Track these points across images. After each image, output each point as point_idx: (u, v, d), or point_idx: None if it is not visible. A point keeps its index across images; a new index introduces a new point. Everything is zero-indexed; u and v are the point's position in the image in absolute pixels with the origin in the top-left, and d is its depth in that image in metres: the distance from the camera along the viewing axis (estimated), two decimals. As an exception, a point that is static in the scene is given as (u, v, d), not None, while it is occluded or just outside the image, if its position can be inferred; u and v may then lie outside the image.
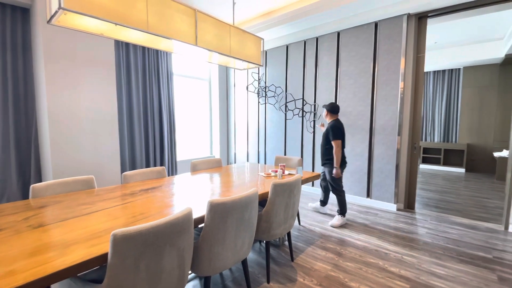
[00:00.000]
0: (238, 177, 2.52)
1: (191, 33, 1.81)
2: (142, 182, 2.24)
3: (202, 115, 5.76)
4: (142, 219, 1.40)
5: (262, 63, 2.65)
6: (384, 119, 3.56)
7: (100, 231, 1.26)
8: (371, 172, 3.73)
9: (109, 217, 1.42)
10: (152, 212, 1.49)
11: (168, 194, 1.88)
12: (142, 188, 2.02)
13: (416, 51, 3.44)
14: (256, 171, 2.79)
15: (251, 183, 2.24)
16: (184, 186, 2.12)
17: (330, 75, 4.07)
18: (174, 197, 1.81)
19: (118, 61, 4.05)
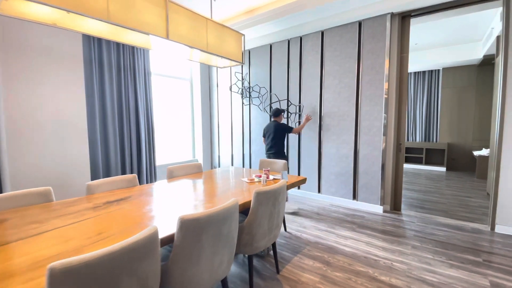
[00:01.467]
0: (219, 184, 2.34)
1: (161, 25, 1.61)
2: (110, 192, 2.00)
3: (183, 116, 5.51)
4: (100, 240, 1.19)
5: (244, 61, 2.49)
6: (369, 120, 3.49)
7: (45, 258, 1.04)
8: (357, 173, 3.65)
9: (60, 239, 1.20)
10: (114, 231, 1.28)
11: (137, 207, 1.66)
12: (108, 200, 1.79)
13: (399, 50, 3.40)
14: (239, 177, 2.61)
15: (233, 191, 2.07)
16: (157, 196, 1.91)
17: (314, 75, 3.97)
18: (143, 211, 1.60)
19: (89, 58, 3.76)
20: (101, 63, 3.94)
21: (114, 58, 4.09)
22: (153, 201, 1.79)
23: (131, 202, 1.76)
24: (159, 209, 1.62)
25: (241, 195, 1.91)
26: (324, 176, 3.95)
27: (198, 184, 2.31)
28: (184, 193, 2.01)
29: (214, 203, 1.76)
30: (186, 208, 1.64)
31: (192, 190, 2.10)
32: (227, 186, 2.21)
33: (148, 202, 1.77)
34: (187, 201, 1.80)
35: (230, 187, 2.19)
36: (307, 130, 4.09)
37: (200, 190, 2.10)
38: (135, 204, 1.72)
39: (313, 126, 4.02)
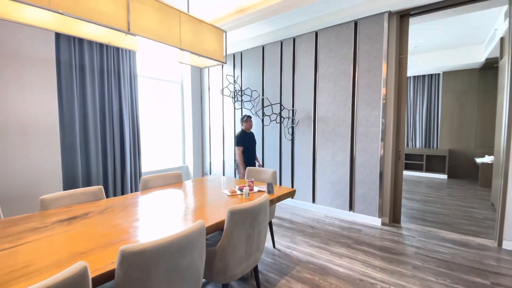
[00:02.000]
0: (196, 197, 2.09)
1: (120, 15, 1.39)
2: (67, 208, 1.75)
3: (173, 121, 5.28)
4: (21, 276, 0.94)
5: (226, 60, 2.27)
6: (366, 125, 3.26)
7: None
8: (354, 183, 3.40)
9: (-31, 276, 0.95)
10: (41, 264, 1.03)
11: (88, 229, 1.41)
12: (60, 219, 1.54)
13: (398, 52, 3.18)
14: (221, 188, 2.37)
15: (209, 207, 1.82)
16: (118, 214, 1.66)
17: (308, 78, 3.75)
18: (93, 234, 1.35)
19: (69, 60, 3.54)
20: (82, 65, 3.72)
21: (97, 60, 3.88)
22: (111, 221, 1.54)
23: (86, 221, 1.51)
24: (112, 233, 1.37)
25: (216, 213, 1.67)
26: (319, 185, 3.71)
27: (172, 198, 2.06)
28: (151, 210, 1.76)
29: (185, 223, 1.52)
30: (142, 233, 1.39)
31: (162, 206, 1.85)
32: (204, 201, 1.97)
33: (105, 221, 1.52)
34: (149, 222, 1.55)
35: (207, 201, 1.95)
36: (302, 136, 3.86)
37: (171, 206, 1.85)
38: (89, 224, 1.47)
39: (307, 131, 3.79)
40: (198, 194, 2.15)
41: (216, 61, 2.08)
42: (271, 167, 4.24)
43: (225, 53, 2.14)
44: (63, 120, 3.57)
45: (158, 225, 1.47)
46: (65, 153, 3.60)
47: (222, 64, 2.17)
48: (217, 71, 4.97)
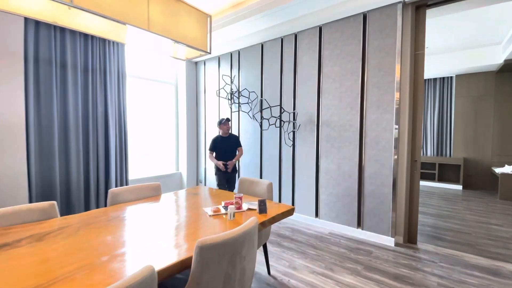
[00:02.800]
0: (168, 217, 1.71)
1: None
2: (3, 230, 1.38)
3: (167, 125, 4.93)
4: None
5: (211, 50, 1.92)
6: (377, 131, 2.87)
7: None
8: (362, 196, 2.99)
9: None
10: None
11: (11, 265, 1.04)
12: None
13: (414, 47, 2.80)
14: (205, 204, 1.98)
15: (179, 234, 1.44)
16: (59, 242, 1.28)
17: (311, 78, 3.38)
18: (8, 276, 0.97)
19: (49, 56, 3.24)
20: (63, 62, 3.40)
21: (81, 58, 3.56)
22: (42, 254, 1.16)
23: (11, 253, 1.14)
24: (42, 266, 1.00)
25: (182, 244, 1.28)
26: (323, 197, 3.30)
27: (138, 217, 1.67)
28: (103, 234, 1.38)
29: (137, 258, 1.13)
30: (80, 268, 1.01)
31: (120, 230, 1.47)
32: (177, 223, 1.58)
33: (34, 254, 1.15)
34: (93, 253, 1.17)
35: (180, 223, 1.56)
36: (303, 141, 3.47)
37: (131, 230, 1.47)
38: (13, 257, 1.10)
39: (309, 137, 3.40)
40: (172, 213, 1.77)
41: (197, 50, 1.72)
42: (270, 175, 3.84)
43: (209, 41, 1.79)
44: (40, 121, 3.24)
45: (108, 257, 1.09)
46: (41, 158, 3.26)
47: (206, 54, 1.81)
48: (214, 71, 4.64)
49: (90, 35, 3.61)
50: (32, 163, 3.14)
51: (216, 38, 3.95)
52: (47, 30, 3.24)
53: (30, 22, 3.10)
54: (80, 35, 3.54)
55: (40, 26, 3.19)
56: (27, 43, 3.08)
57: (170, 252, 1.17)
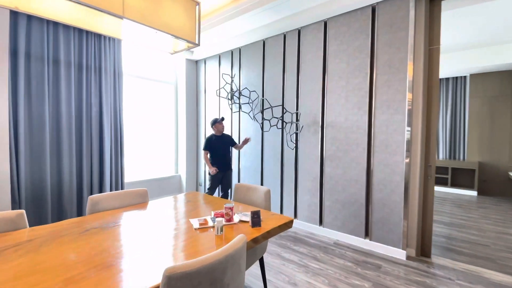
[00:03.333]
0: (149, 229, 1.51)
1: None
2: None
3: (166, 125, 4.78)
4: None
5: (199, 42, 1.72)
6: (387, 133, 2.63)
7: None
8: (371, 203, 2.75)
9: None
10: None
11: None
12: None
13: (428, 41, 2.56)
14: (194, 214, 1.79)
15: (152, 255, 1.24)
16: (18, 258, 1.10)
17: (315, 76, 3.16)
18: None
19: (41, 53, 3.11)
20: (56, 59, 3.27)
21: (75, 55, 3.42)
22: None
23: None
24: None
25: (156, 267, 1.08)
26: (328, 204, 3.07)
27: (114, 230, 1.48)
28: (63, 255, 1.19)
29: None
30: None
31: (89, 247, 1.28)
32: (155, 238, 1.38)
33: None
34: (49, 275, 0.98)
35: (159, 238, 1.36)
36: (307, 144, 3.25)
37: (100, 247, 1.28)
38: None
39: (313, 139, 3.18)
40: (154, 224, 1.58)
41: (184, 41, 1.53)
42: (271, 179, 3.63)
43: (197, 31, 1.60)
44: (31, 121, 3.11)
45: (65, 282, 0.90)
46: (32, 160, 3.12)
47: (194, 46, 1.62)
48: (214, 70, 4.46)
49: (84, 31, 3.47)
50: (21, 164, 3.01)
51: (217, 35, 3.77)
52: (40, 24, 3.11)
53: (22, 16, 2.98)
54: (74, 30, 3.40)
55: (32, 21, 3.06)
56: (18, 38, 2.95)
57: (134, 281, 0.97)
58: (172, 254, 1.18)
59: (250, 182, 3.93)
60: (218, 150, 3.44)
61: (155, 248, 1.25)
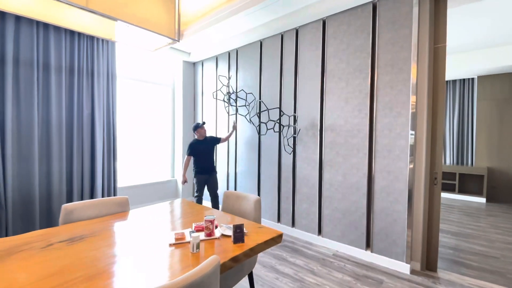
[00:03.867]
0: (118, 244, 1.37)
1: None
2: None
3: (163, 129, 4.66)
4: None
5: (179, 38, 1.59)
6: (390, 137, 2.46)
7: None
8: (372, 213, 2.57)
9: None
10: None
11: None
12: None
13: (433, 40, 2.40)
14: (175, 224, 1.64)
15: (111, 279, 1.09)
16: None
17: (313, 77, 3.01)
18: None
19: (30, 57, 3.02)
20: (46, 63, 3.17)
21: (66, 58, 3.33)
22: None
23: None
24: None
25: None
26: (327, 212, 2.90)
27: (80, 245, 1.34)
28: (8, 278, 1.05)
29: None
30: None
31: (41, 266, 1.14)
32: (120, 256, 1.24)
33: None
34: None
35: (124, 257, 1.22)
36: (305, 148, 3.09)
37: (53, 266, 1.14)
38: None
39: (311, 143, 3.02)
40: (127, 238, 1.43)
41: (161, 36, 1.39)
42: (268, 185, 3.47)
43: (177, 26, 1.46)
44: (20, 125, 3.01)
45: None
46: (20, 164, 3.02)
47: (173, 42, 1.49)
48: (212, 72, 4.34)
49: (76, 33, 3.38)
50: (8, 168, 2.90)
51: (213, 36, 3.65)
52: (29, 27, 3.03)
53: (9, 18, 2.89)
54: (65, 32, 3.31)
55: (21, 23, 2.98)
56: (5, 42, 2.87)
57: None
58: (132, 278, 1.03)
59: (247, 188, 3.77)
60: (201, 155, 3.49)
61: (116, 269, 1.10)
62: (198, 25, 3.56)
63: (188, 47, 4.17)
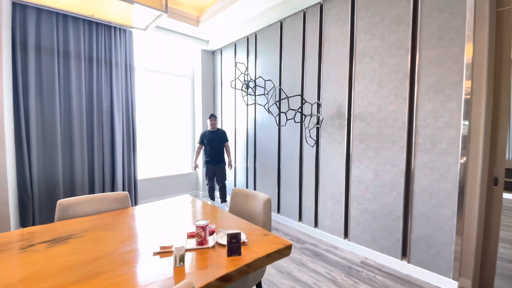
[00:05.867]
0: (101, 249, 1.20)
1: None
2: None
3: (183, 120, 4.57)
4: None
5: (166, 9, 1.34)
6: (435, 126, 2.02)
7: None
8: (410, 217, 2.16)
9: None
10: None
11: None
12: None
13: (494, 2, 1.88)
14: (166, 230, 1.45)
15: (89, 285, 0.91)
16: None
17: (340, 58, 2.61)
18: None
19: (51, 47, 3.05)
20: (66, 53, 3.19)
21: (85, 48, 3.32)
22: None
23: None
24: None
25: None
26: (355, 214, 2.54)
27: (61, 248, 1.19)
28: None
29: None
30: None
31: (5, 273, 1.00)
32: (100, 261, 1.06)
33: None
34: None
35: (102, 263, 1.03)
36: (329, 140, 2.73)
37: (26, 272, 0.99)
38: None
39: (337, 134, 2.65)
40: (113, 241, 1.26)
41: (146, 8, 1.15)
42: (289, 180, 3.18)
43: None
44: (43, 115, 3.07)
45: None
46: (44, 156, 3.09)
47: (161, 15, 1.25)
48: (230, 60, 4.10)
49: (94, 23, 3.35)
50: (33, 160, 2.98)
51: (230, 18, 3.39)
52: (49, 17, 3.04)
53: (31, 9, 2.92)
54: (84, 22, 3.30)
55: (41, 13, 3.00)
56: (27, 31, 2.90)
57: None
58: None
59: (266, 183, 3.52)
60: (210, 144, 3.64)
61: (81, 282, 0.92)
62: (214, 8, 3.33)
63: (206, 34, 3.96)
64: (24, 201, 3.00)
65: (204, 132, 3.76)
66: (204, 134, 3.71)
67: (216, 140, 3.66)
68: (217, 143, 3.67)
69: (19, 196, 2.96)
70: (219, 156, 3.68)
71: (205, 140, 3.67)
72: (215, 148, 3.66)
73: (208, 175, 3.71)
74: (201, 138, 3.73)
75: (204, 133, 3.74)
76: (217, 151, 3.67)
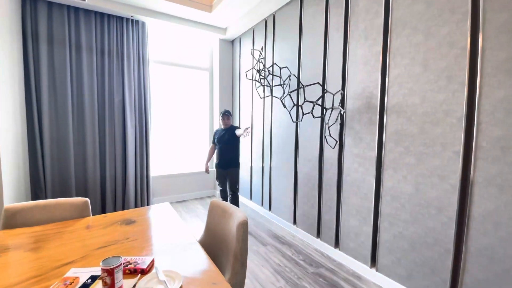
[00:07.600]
0: (21, 271, 0.90)
1: None
2: None
3: (201, 115, 4.34)
4: None
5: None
6: (508, 123, 1.35)
7: None
8: (465, 252, 1.52)
9: None
10: None
11: None
12: None
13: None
14: (106, 251, 1.11)
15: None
16: None
17: (371, 32, 2.02)
18: None
19: (62, 38, 3.02)
20: (78, 44, 3.13)
21: (97, 40, 3.23)
22: None
23: None
24: None
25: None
26: (386, 238, 1.95)
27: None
28: None
29: None
30: None
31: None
32: None
33: None
34: None
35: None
36: (357, 142, 2.16)
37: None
38: None
39: (365, 133, 2.08)
40: (36, 263, 0.97)
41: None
42: (306, 187, 2.67)
43: None
44: (57, 109, 3.05)
45: None
46: (58, 149, 3.09)
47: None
48: (249, 49, 3.70)
49: (106, 14, 3.24)
50: (46, 155, 2.99)
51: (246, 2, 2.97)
52: (60, 10, 2.99)
53: (41, 2, 2.89)
54: (95, 14, 3.20)
55: (52, 6, 2.96)
56: (39, 24, 2.89)
57: None
58: None
59: (282, 187, 3.06)
60: (219, 144, 3.12)
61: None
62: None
63: (221, 21, 3.60)
64: (38, 194, 3.03)
65: (217, 130, 3.25)
66: (216, 132, 3.22)
67: (225, 139, 3.04)
68: (227, 141, 3.05)
69: (33, 189, 3.00)
70: (229, 159, 3.06)
71: (216, 139, 3.17)
72: (224, 148, 3.08)
73: (219, 179, 3.15)
74: (213, 137, 3.26)
75: (217, 131, 3.24)
76: (227, 152, 3.07)
